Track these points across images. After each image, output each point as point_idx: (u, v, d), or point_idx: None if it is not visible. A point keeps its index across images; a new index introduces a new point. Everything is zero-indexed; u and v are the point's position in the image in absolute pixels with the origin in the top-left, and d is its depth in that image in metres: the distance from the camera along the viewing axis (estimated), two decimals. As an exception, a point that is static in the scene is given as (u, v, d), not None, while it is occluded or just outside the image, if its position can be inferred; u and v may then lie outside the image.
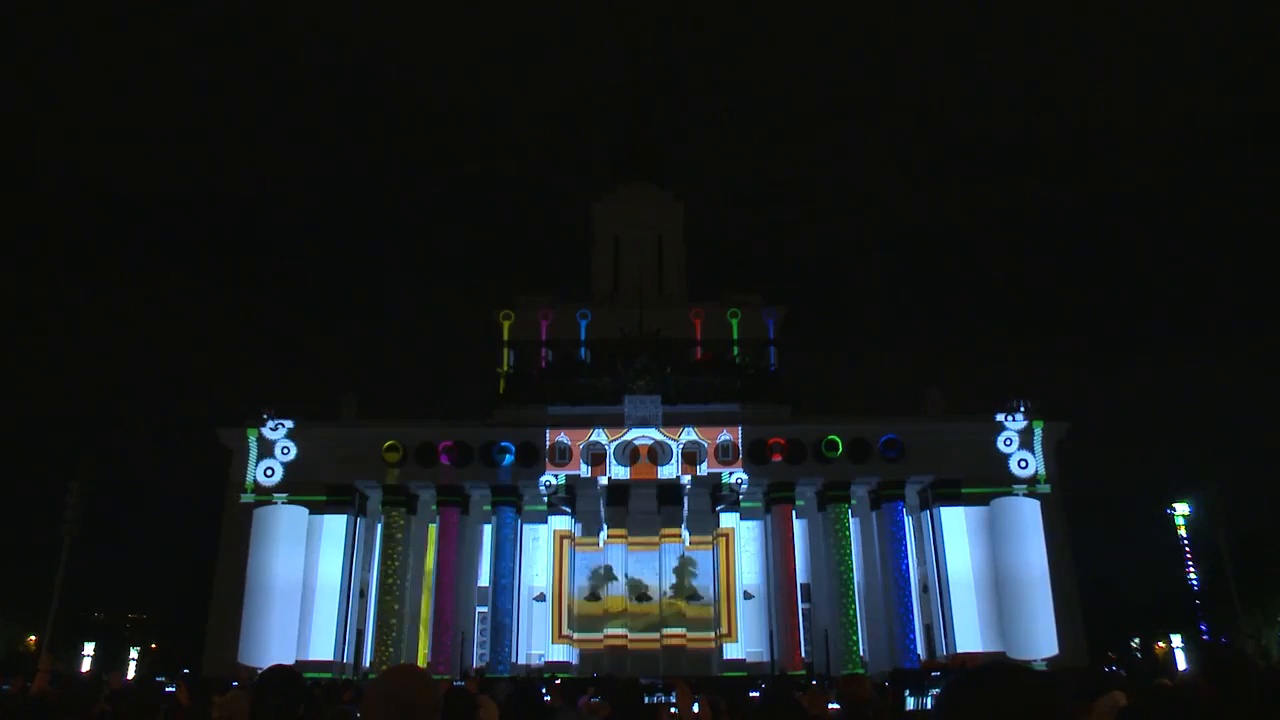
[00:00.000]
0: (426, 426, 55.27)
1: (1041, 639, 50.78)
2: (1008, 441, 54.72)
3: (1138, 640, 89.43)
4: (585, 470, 54.18)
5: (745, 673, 50.03)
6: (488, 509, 55.80)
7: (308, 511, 53.80)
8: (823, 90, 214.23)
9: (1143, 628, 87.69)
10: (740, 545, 55.43)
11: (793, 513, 54.93)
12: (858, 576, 54.06)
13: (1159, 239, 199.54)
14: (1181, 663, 54.67)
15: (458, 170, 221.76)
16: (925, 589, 54.60)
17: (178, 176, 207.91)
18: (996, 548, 52.97)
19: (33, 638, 72.16)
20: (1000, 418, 54.92)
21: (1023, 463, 54.33)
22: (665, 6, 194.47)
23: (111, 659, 76.18)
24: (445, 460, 53.89)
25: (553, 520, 55.63)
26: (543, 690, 28.11)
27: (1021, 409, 55.00)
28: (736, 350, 61.00)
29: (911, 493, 55.63)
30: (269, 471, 54.12)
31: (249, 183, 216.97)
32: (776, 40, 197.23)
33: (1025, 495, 53.74)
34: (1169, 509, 57.26)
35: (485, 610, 54.21)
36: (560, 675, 47.76)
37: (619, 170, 75.04)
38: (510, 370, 60.27)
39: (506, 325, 63.07)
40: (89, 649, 63.20)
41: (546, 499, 54.90)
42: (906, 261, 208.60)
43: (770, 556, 54.71)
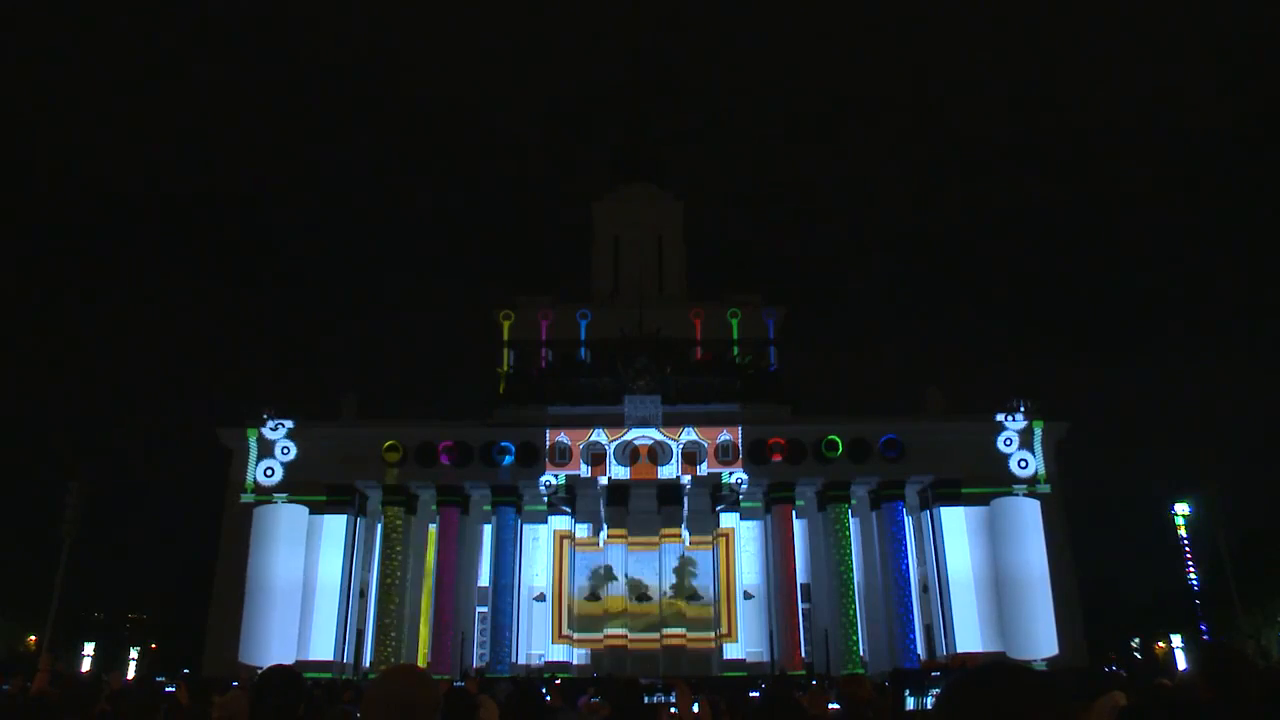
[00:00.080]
0: (426, 426, 55.29)
1: (1041, 639, 50.78)
2: (1008, 441, 54.73)
3: (1138, 640, 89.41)
4: (585, 470, 54.19)
5: (745, 673, 50.04)
6: (488, 509, 55.81)
7: (308, 511, 53.84)
8: (823, 90, 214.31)
9: (1143, 628, 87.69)
10: (740, 545, 55.44)
11: (793, 513, 54.94)
12: (858, 576, 54.06)
13: (1159, 239, 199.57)
14: (1181, 663, 54.66)
15: (458, 170, 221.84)
16: (925, 589, 54.60)
17: (178, 176, 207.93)
18: (996, 548, 52.98)
19: (33, 638, 72.17)
20: (1000, 418, 54.94)
21: (1023, 463, 54.34)
22: (665, 6, 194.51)
23: (111, 659, 76.18)
24: (445, 460, 53.91)
25: (553, 520, 55.65)
26: (543, 690, 28.14)
27: (1021, 409, 55.02)
28: (736, 350, 61.00)
29: (911, 493, 55.63)
30: (269, 471, 54.13)
31: (249, 183, 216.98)
32: (776, 40, 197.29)
33: (1025, 495, 53.76)
34: (1169, 509, 57.27)
35: (485, 610, 54.22)
36: (560, 675, 47.78)
37: (619, 170, 75.03)
38: (510, 370, 60.28)
39: (506, 325, 63.08)
40: (89, 649, 63.24)
41: (546, 499, 54.91)
42: (906, 261, 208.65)
43: (770, 556, 54.72)
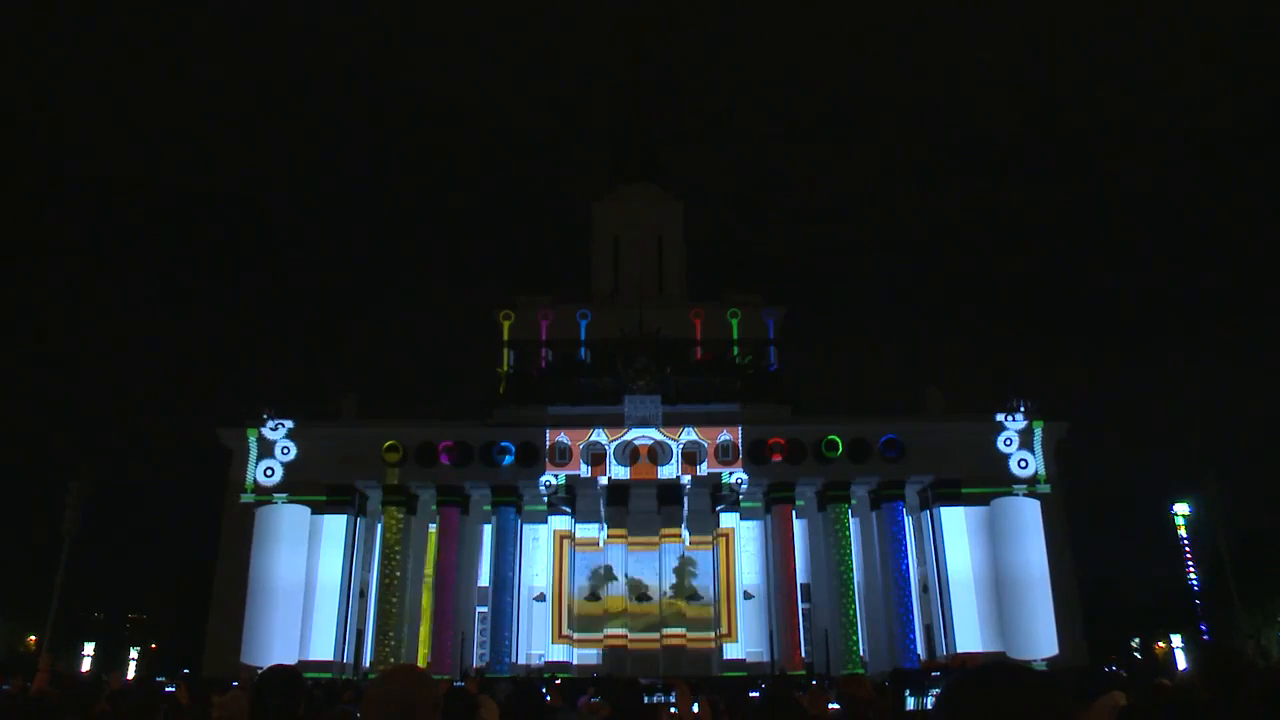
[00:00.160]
0: (426, 426, 55.27)
1: (1041, 639, 50.78)
2: (1008, 441, 54.72)
3: (1138, 640, 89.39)
4: (585, 470, 54.18)
5: (745, 673, 50.03)
6: (488, 509, 55.80)
7: (309, 512, 53.82)
8: (823, 90, 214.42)
9: (1143, 628, 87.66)
10: (740, 545, 55.43)
11: (793, 513, 54.93)
12: (858, 576, 54.05)
13: (1159, 238, 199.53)
14: (1181, 663, 54.67)
15: (458, 170, 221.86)
16: (925, 589, 54.59)
17: (178, 176, 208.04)
18: (996, 548, 52.97)
19: (33, 638, 72.17)
20: (1000, 418, 54.92)
21: (1023, 463, 54.33)
22: (666, 6, 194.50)
23: (111, 659, 76.18)
24: (445, 460, 53.91)
25: (553, 520, 55.64)
26: (543, 690, 28.13)
27: (1021, 409, 55.00)
28: (736, 350, 60.98)
29: (911, 493, 55.61)
30: (269, 471, 54.12)
31: (249, 182, 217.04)
32: (777, 40, 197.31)
33: (1025, 495, 53.74)
34: (1169, 509, 57.29)
35: (485, 610, 54.22)
36: (560, 675, 47.77)
37: (619, 170, 75.04)
38: (510, 370, 60.26)
39: (506, 325, 63.07)
40: (89, 649, 63.26)
41: (546, 499, 54.90)
42: (906, 261, 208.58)
43: (770, 556, 54.70)
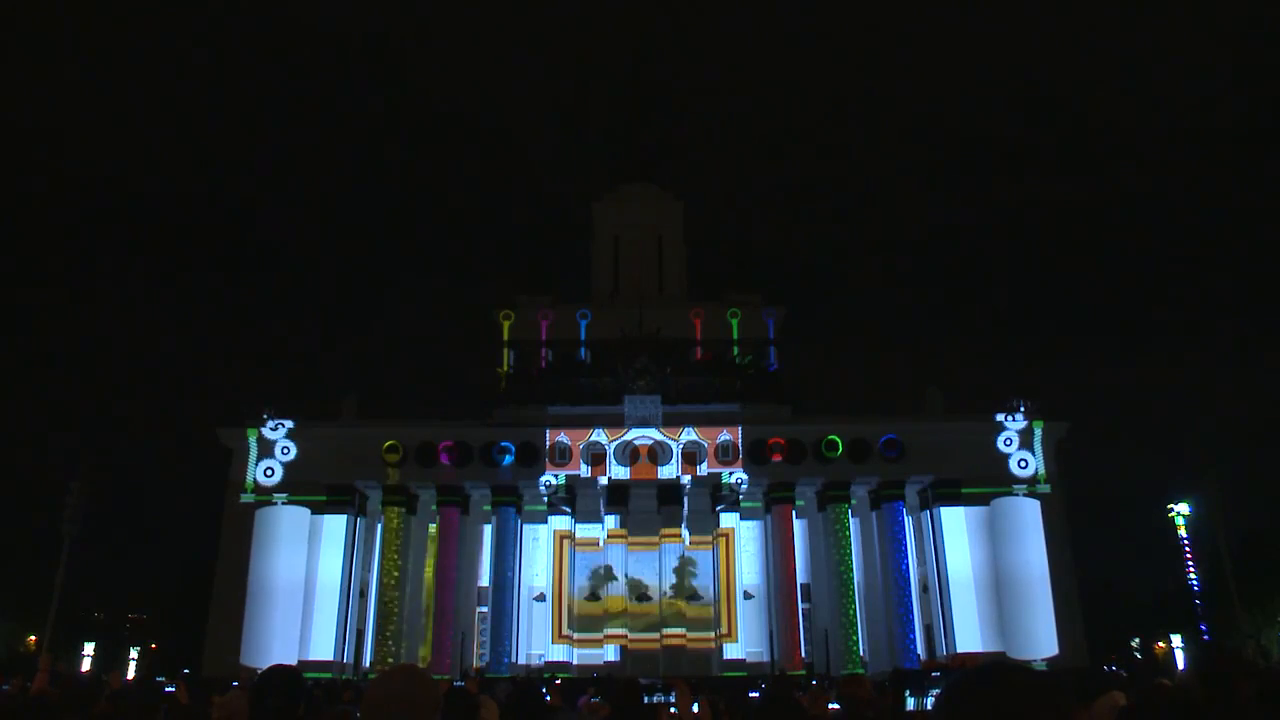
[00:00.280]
0: (426, 426, 55.26)
1: (1041, 639, 50.77)
2: (1008, 441, 54.71)
3: (1138, 640, 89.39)
4: (585, 470, 54.18)
5: (745, 673, 50.02)
6: (488, 509, 55.80)
7: (309, 512, 53.82)
8: (823, 90, 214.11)
9: (1143, 628, 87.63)
10: (740, 545, 55.44)
11: (793, 513, 54.91)
12: (858, 576, 54.04)
13: (1159, 238, 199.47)
14: (1181, 663, 54.70)
15: (458, 170, 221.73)
16: (925, 589, 54.58)
17: (178, 175, 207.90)
18: (996, 548, 52.96)
19: (33, 638, 72.15)
20: (1000, 418, 54.90)
21: (1023, 463, 54.32)
22: (666, 6, 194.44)
23: (111, 659, 76.12)
24: (445, 460, 53.89)
25: (553, 520, 55.64)
26: (543, 690, 28.14)
27: (1021, 409, 54.97)
28: (736, 350, 60.96)
29: (911, 493, 55.60)
30: (269, 471, 54.11)
31: (249, 182, 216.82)
32: (777, 40, 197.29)
33: (1025, 495, 53.71)
34: (1169, 509, 57.29)
35: (485, 610, 54.22)
36: (560, 675, 47.78)
37: (619, 170, 75.08)
38: (510, 370, 60.24)
39: (506, 325, 63.04)
40: (89, 649, 63.25)
41: (546, 499, 54.90)
42: (907, 261, 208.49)
43: (770, 556, 54.70)
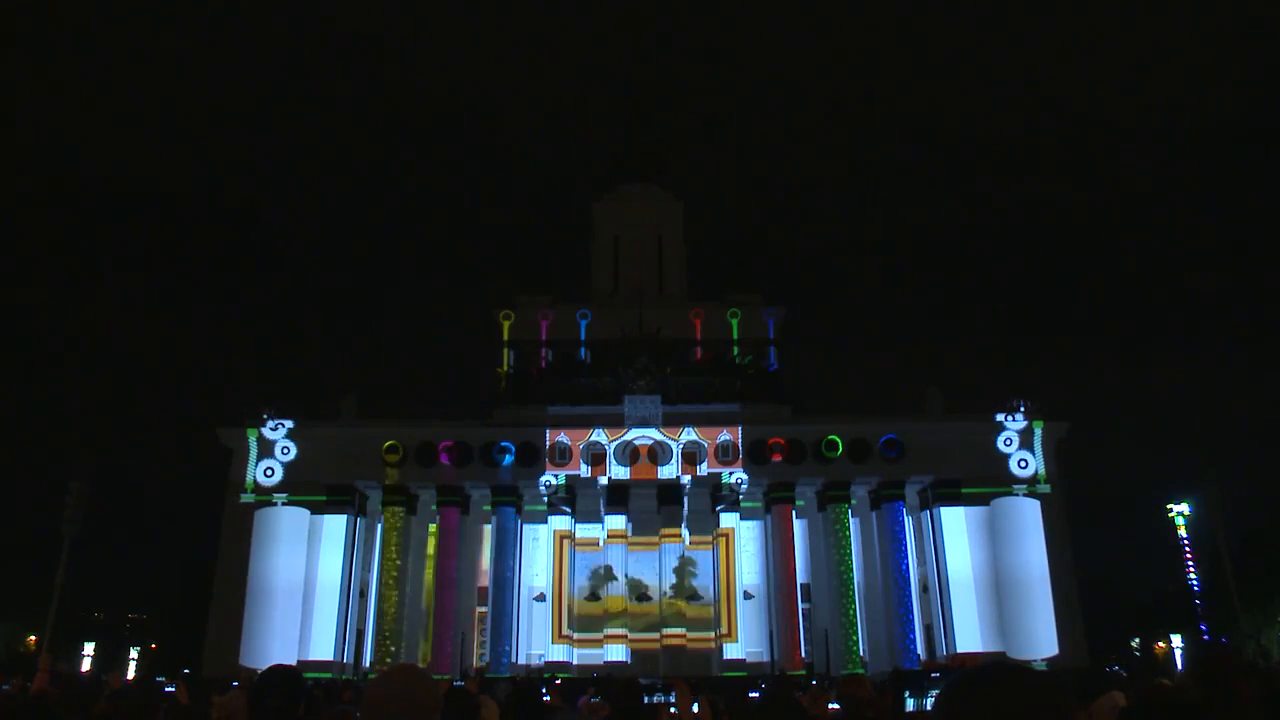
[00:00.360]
0: (426, 426, 55.25)
1: (1041, 639, 50.76)
2: (1008, 441, 54.70)
3: (1138, 640, 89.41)
4: (585, 470, 54.17)
5: (745, 673, 49.99)
6: (488, 509, 55.78)
7: (309, 512, 53.81)
8: (823, 90, 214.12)
9: (1143, 628, 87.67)
10: (740, 545, 55.41)
11: (793, 513, 54.90)
12: (858, 576, 54.03)
13: (1160, 238, 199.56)
14: (1181, 663, 54.72)
15: (458, 169, 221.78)
16: (925, 589, 54.57)
17: (178, 175, 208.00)
18: (996, 548, 52.95)
19: (33, 638, 72.16)
20: (1000, 418, 54.89)
21: (1023, 463, 54.31)
22: (666, 6, 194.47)
23: (111, 659, 76.15)
24: (445, 460, 53.88)
25: (553, 520, 55.64)
26: (543, 690, 28.14)
27: (1021, 409, 54.95)
28: (736, 350, 60.96)
29: (911, 493, 55.59)
30: (269, 471, 54.09)
31: (249, 181, 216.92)
32: (777, 39, 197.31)
33: (1025, 495, 53.70)
34: (1169, 509, 57.27)
35: (485, 610, 54.21)
36: (560, 675, 47.76)
37: (619, 170, 75.02)
38: (510, 370, 60.23)
39: (506, 325, 63.03)
40: (89, 649, 63.31)
41: (546, 499, 54.89)
42: (906, 261, 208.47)
43: (770, 556, 54.69)
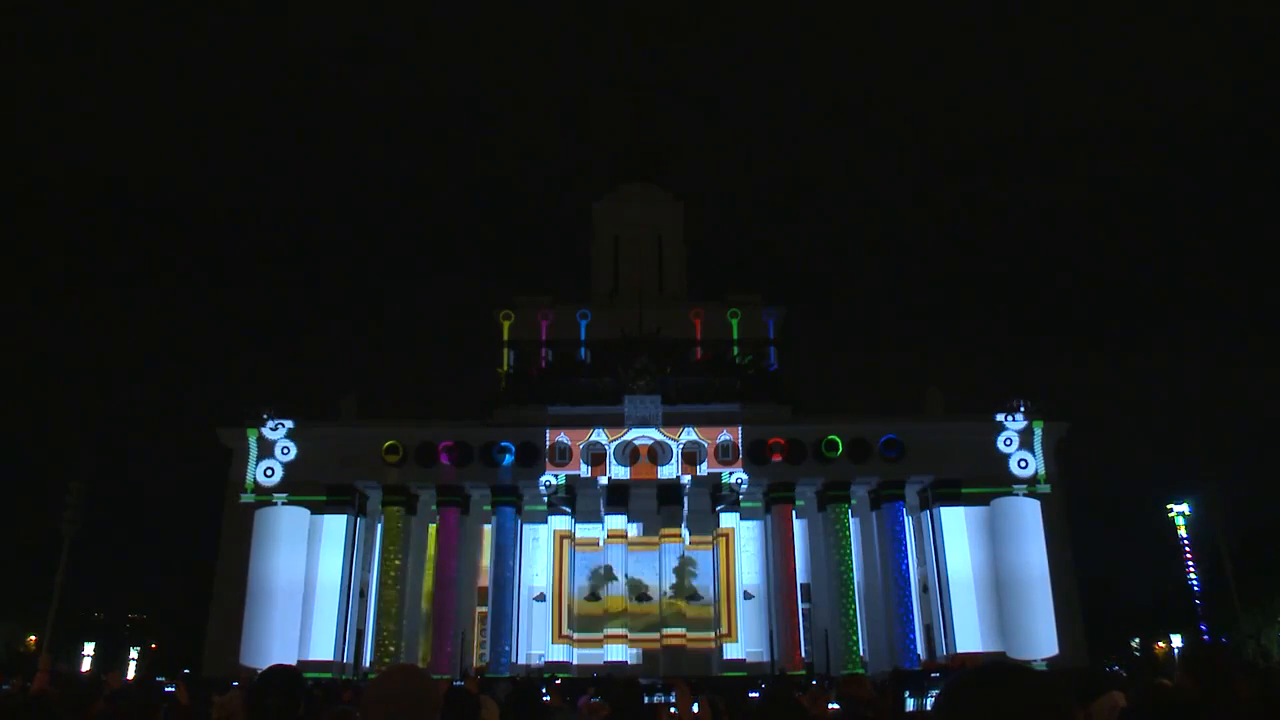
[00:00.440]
0: (426, 426, 55.24)
1: (1041, 639, 50.75)
2: (1008, 441, 54.69)
3: (1138, 640, 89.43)
4: (585, 470, 54.16)
5: (745, 673, 49.98)
6: (488, 509, 55.76)
7: (309, 512, 53.80)
8: (823, 90, 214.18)
9: (1143, 628, 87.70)
10: (740, 545, 55.40)
11: (793, 513, 54.89)
12: (858, 576, 54.02)
13: (1159, 237, 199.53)
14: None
15: (457, 170, 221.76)
16: (925, 589, 54.56)
17: (178, 175, 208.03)
18: (996, 548, 52.95)
19: (33, 638, 72.16)
20: (1000, 418, 54.88)
21: (1023, 463, 54.30)
22: (666, 6, 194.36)
23: (111, 659, 76.19)
24: (445, 460, 53.87)
25: (553, 520, 55.63)
26: (543, 690, 28.15)
27: (1021, 409, 54.95)
28: (736, 350, 60.96)
29: (911, 493, 55.58)
30: (269, 471, 54.08)
31: (249, 182, 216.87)
32: (777, 39, 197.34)
33: (1025, 495, 53.69)
34: (1169, 509, 57.27)
35: (485, 610, 54.20)
36: (560, 675, 47.76)
37: (619, 170, 75.02)
38: (510, 370, 60.23)
39: (506, 325, 63.04)
40: (89, 649, 63.38)
41: (546, 499, 54.89)
42: (906, 261, 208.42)
43: (770, 556, 54.68)
